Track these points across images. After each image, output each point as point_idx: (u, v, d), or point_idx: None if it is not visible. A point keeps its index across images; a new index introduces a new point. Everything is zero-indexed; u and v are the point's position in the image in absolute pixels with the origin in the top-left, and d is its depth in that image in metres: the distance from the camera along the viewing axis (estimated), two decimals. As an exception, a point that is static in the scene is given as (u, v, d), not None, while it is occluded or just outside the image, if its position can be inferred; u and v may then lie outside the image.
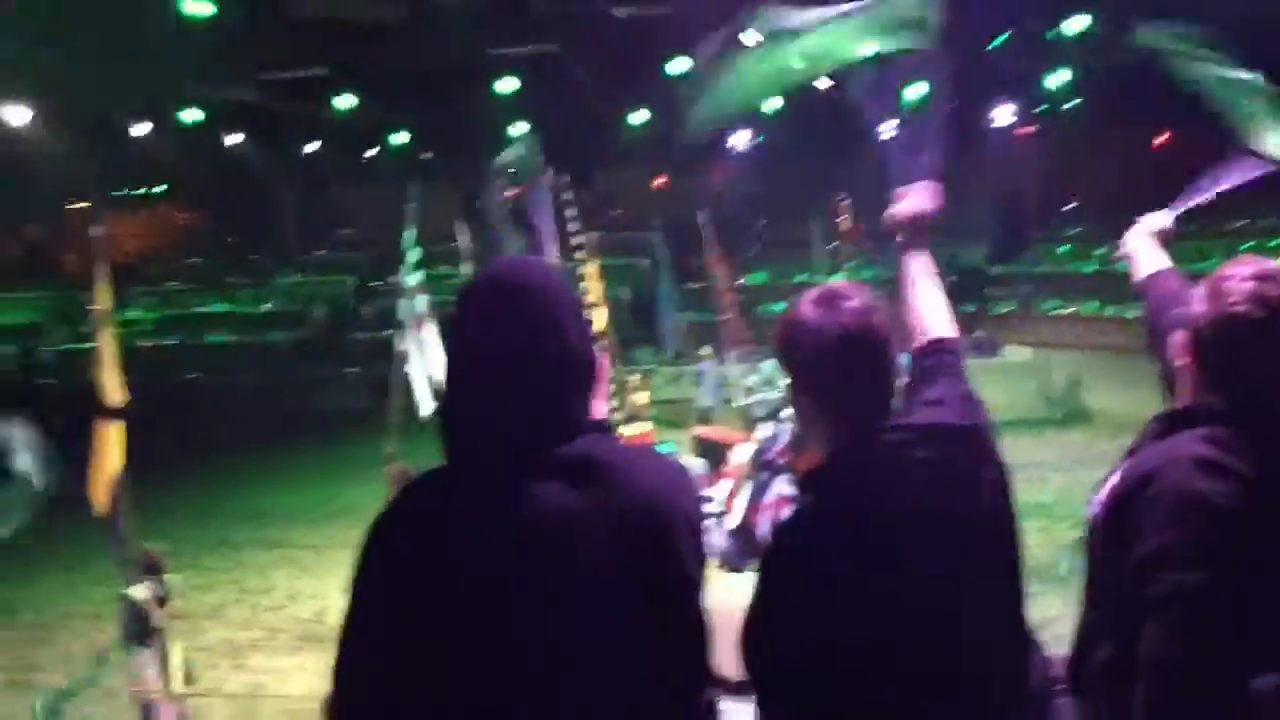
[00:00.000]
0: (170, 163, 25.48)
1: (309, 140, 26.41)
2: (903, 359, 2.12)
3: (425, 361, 9.57)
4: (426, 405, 9.58)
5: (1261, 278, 2.02)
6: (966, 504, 1.94)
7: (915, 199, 2.41)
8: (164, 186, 30.40)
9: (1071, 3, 17.29)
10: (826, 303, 1.99)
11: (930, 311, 2.24)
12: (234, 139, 25.75)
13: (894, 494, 1.91)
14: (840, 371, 1.97)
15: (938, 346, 2.19)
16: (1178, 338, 2.17)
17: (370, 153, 26.89)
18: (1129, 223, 3.07)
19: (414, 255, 9.93)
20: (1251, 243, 22.54)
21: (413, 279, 9.85)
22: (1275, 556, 1.90)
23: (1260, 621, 1.88)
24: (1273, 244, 22.70)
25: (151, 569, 6.82)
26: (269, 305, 30.71)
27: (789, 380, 2.08)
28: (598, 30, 18.18)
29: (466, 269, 12.48)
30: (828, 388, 2.00)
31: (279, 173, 28.96)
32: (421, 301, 9.79)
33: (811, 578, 1.88)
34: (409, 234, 9.89)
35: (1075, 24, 17.58)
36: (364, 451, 13.32)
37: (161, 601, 6.68)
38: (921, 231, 2.36)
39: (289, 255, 32.66)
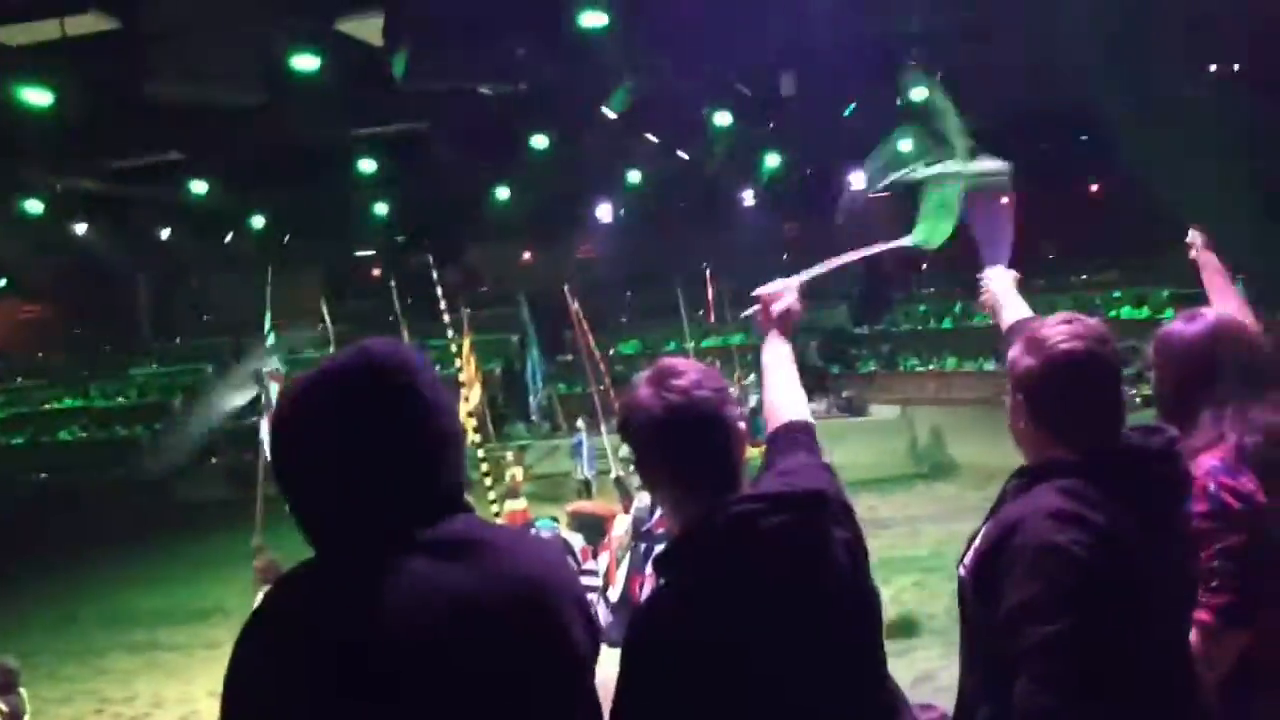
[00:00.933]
0: (13, 255, 24.46)
1: (164, 226, 25.68)
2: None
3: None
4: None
5: (1071, 321, 2.16)
6: (819, 568, 1.95)
7: (786, 297, 2.51)
8: (3, 281, 29.09)
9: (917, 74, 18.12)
10: (658, 382, 2.04)
11: (785, 399, 2.34)
12: (81, 228, 24.87)
13: (744, 565, 1.91)
14: (676, 448, 2.01)
15: (789, 428, 2.27)
16: (1010, 404, 2.25)
17: (228, 237, 26.28)
18: (973, 280, 3.20)
19: (271, 339, 9.74)
20: (1098, 296, 23.79)
21: (270, 364, 9.66)
22: (1136, 602, 1.96)
23: (1127, 667, 1.92)
24: (1116, 294, 23.97)
25: (4, 684, 6.42)
26: (122, 399, 29.54)
27: (636, 460, 2.12)
28: (462, 108, 18.22)
29: (332, 350, 12.34)
30: (667, 465, 2.04)
31: (132, 261, 28.06)
32: (274, 388, 9.60)
33: (670, 661, 1.87)
34: (266, 317, 9.70)
35: (918, 92, 18.47)
36: (230, 545, 12.85)
37: (13, 720, 6.28)
38: (786, 326, 2.48)
39: (145, 345, 31.57)
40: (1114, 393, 2.16)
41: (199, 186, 21.16)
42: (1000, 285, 3.07)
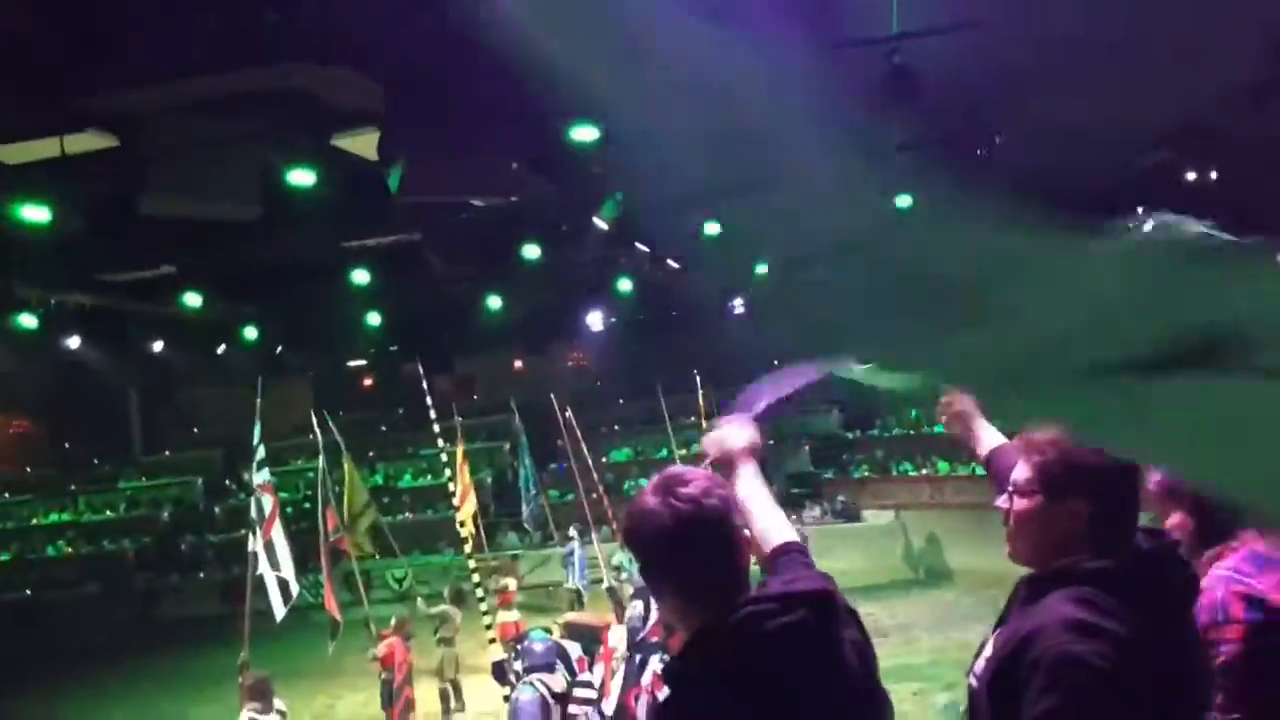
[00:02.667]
0: (3, 370, 24.44)
1: (156, 339, 25.73)
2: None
3: (275, 562, 9.23)
4: (279, 608, 9.17)
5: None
6: (831, 668, 1.94)
7: (740, 435, 2.51)
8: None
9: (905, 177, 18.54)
10: (665, 490, 2.06)
11: (771, 524, 2.34)
12: (74, 342, 24.90)
13: (756, 666, 1.90)
14: (686, 558, 2.04)
15: (784, 549, 2.27)
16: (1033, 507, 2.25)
17: (220, 349, 26.32)
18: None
19: (260, 452, 9.68)
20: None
21: (259, 476, 9.58)
22: (1158, 712, 1.94)
23: None
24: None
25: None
26: (109, 513, 29.22)
27: (641, 568, 2.12)
28: (454, 219, 18.48)
29: (321, 462, 12.24)
30: (675, 571, 2.06)
31: (124, 374, 28.04)
32: (268, 500, 9.50)
33: None
34: (256, 430, 9.66)
35: (905, 201, 18.88)
36: (217, 661, 12.59)
37: None
38: (750, 456, 2.48)
39: (134, 459, 31.37)
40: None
41: (193, 299, 21.30)
42: (966, 405, 3.06)
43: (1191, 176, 19.40)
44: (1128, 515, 2.16)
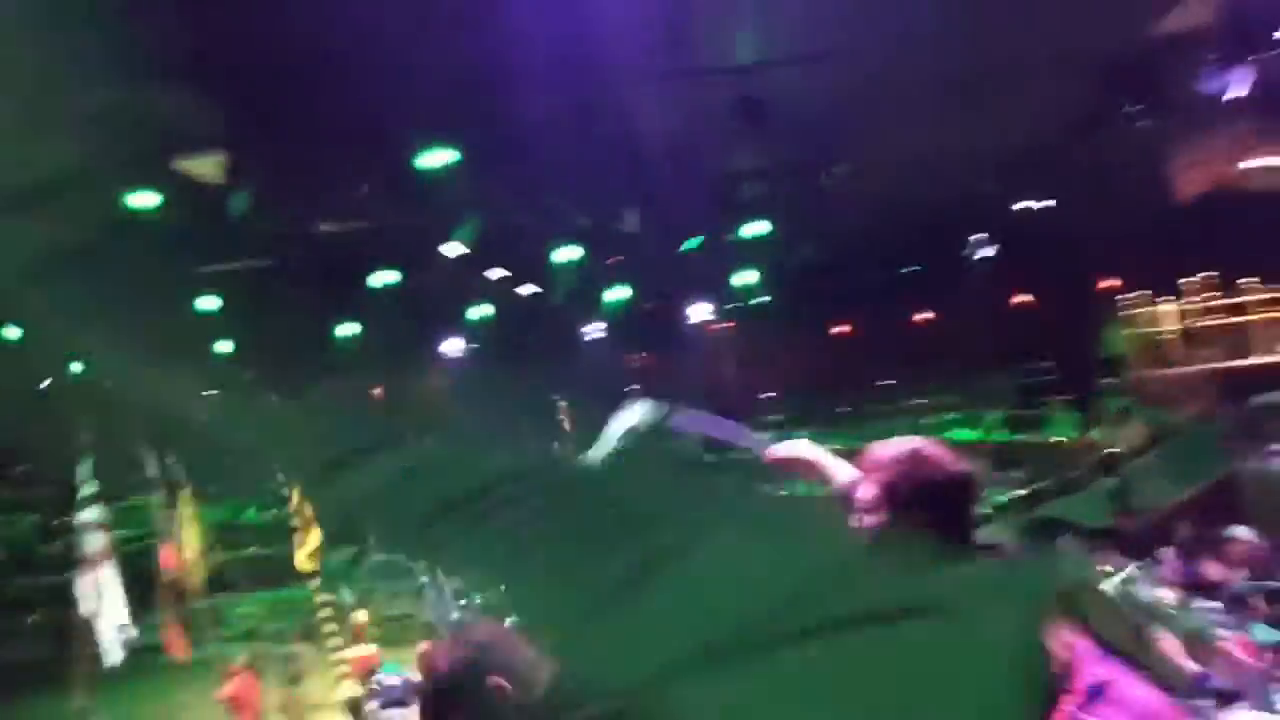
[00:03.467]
0: None
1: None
2: None
3: (105, 604, 8.80)
4: (114, 653, 8.74)
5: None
6: None
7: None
8: None
9: (752, 210, 18.95)
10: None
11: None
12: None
13: None
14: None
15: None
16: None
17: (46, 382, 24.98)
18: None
19: (89, 489, 9.21)
20: (931, 418, 24.71)
21: (88, 514, 9.12)
22: None
23: None
24: (949, 417, 24.94)
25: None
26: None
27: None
28: (304, 246, 18.06)
29: (157, 499, 11.71)
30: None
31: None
32: (97, 539, 9.05)
33: None
34: (85, 466, 9.19)
35: (754, 228, 19.29)
36: (55, 710, 11.88)
37: None
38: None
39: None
40: None
41: (11, 332, 20.23)
42: (803, 448, 3.02)
43: (1021, 206, 20.45)
44: (966, 527, 2.26)
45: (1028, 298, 25.19)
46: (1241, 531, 7.89)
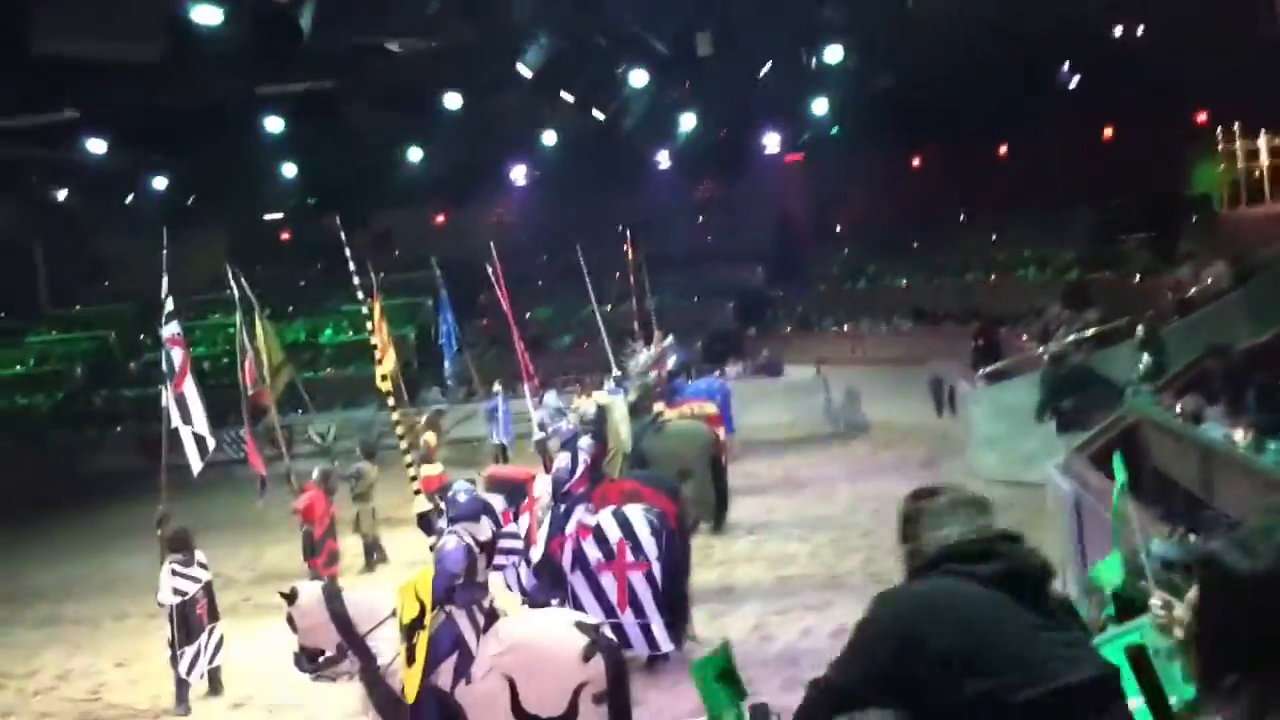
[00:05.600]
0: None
1: (59, 188, 24.64)
2: None
3: (188, 416, 9.04)
4: (196, 463, 9.04)
5: None
6: None
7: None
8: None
9: (830, 34, 18.16)
10: None
11: None
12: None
13: None
14: None
15: None
16: None
17: (129, 199, 25.31)
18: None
19: (169, 305, 9.33)
20: (1005, 254, 24.21)
21: (168, 330, 9.26)
22: None
23: None
24: (1025, 254, 24.38)
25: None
26: (19, 368, 28.47)
27: None
28: (371, 65, 17.75)
29: (239, 316, 11.96)
30: None
31: (27, 225, 26.93)
32: (178, 354, 9.22)
33: None
34: (164, 282, 9.29)
35: (832, 54, 18.56)
36: (136, 515, 12.47)
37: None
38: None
39: (41, 312, 30.44)
40: None
41: (96, 146, 20.37)
42: None
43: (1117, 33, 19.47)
44: None
45: (1114, 131, 24.22)
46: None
